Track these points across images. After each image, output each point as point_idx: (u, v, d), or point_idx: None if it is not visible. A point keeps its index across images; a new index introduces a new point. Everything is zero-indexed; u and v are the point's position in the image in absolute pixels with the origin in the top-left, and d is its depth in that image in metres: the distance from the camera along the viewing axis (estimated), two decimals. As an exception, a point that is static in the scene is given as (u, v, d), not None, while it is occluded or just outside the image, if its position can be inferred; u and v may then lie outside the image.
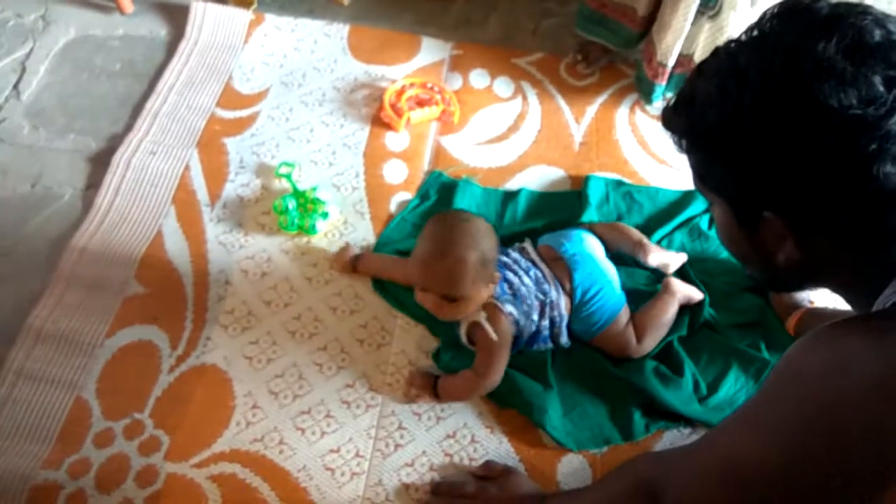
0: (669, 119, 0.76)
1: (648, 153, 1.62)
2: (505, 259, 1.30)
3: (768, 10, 0.69)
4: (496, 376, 1.21)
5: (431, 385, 1.24)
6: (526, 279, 1.26)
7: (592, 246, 1.34)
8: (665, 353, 1.29)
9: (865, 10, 0.65)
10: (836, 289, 0.76)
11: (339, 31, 1.82)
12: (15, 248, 1.44)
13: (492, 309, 1.21)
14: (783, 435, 0.66)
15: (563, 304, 1.27)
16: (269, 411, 1.24)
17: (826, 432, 0.62)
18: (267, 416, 1.23)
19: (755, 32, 0.69)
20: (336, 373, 1.28)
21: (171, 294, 1.36)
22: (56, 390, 1.25)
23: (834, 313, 1.29)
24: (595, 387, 1.26)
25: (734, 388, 1.26)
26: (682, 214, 1.46)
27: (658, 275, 1.37)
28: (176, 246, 1.43)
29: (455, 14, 1.91)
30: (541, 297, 1.26)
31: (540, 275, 1.28)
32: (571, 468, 1.20)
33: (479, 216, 1.24)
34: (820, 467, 0.62)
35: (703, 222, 1.47)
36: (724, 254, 1.41)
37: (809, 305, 1.30)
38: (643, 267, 1.38)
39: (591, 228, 1.39)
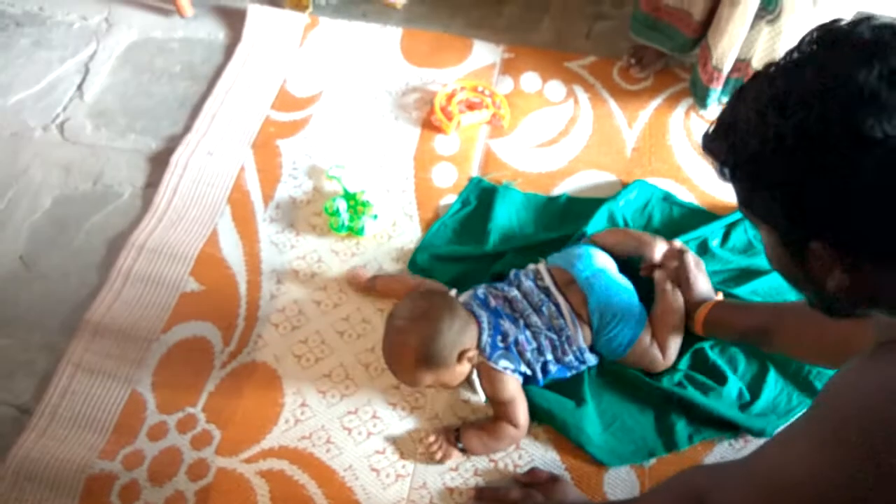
0: (710, 146, 0.74)
1: (704, 159, 1.59)
2: (514, 293, 1.26)
3: (807, 35, 0.67)
4: (521, 421, 1.18)
5: (454, 439, 1.19)
6: (534, 318, 1.23)
7: (603, 262, 1.30)
8: (703, 364, 1.27)
9: None
10: (890, 312, 0.73)
11: (391, 35, 1.83)
12: (76, 244, 1.49)
13: (485, 369, 1.20)
14: (840, 452, 0.64)
15: (581, 335, 1.23)
16: (317, 410, 1.25)
17: (888, 451, 0.60)
18: (315, 415, 1.25)
19: (795, 56, 0.67)
20: (382, 374, 1.29)
21: (225, 291, 1.39)
22: (113, 383, 1.29)
23: (742, 305, 1.27)
24: (634, 398, 1.25)
25: (774, 391, 1.24)
26: (696, 231, 1.43)
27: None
28: (230, 245, 1.46)
29: (507, 17, 1.91)
30: (552, 336, 1.22)
31: (554, 308, 1.24)
32: (618, 479, 1.18)
33: (433, 304, 1.18)
34: (882, 489, 0.60)
35: (712, 240, 1.43)
36: (732, 265, 1.39)
37: (717, 298, 1.28)
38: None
39: (594, 241, 1.35)
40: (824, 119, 0.61)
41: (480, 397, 1.20)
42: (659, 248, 1.31)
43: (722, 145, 0.71)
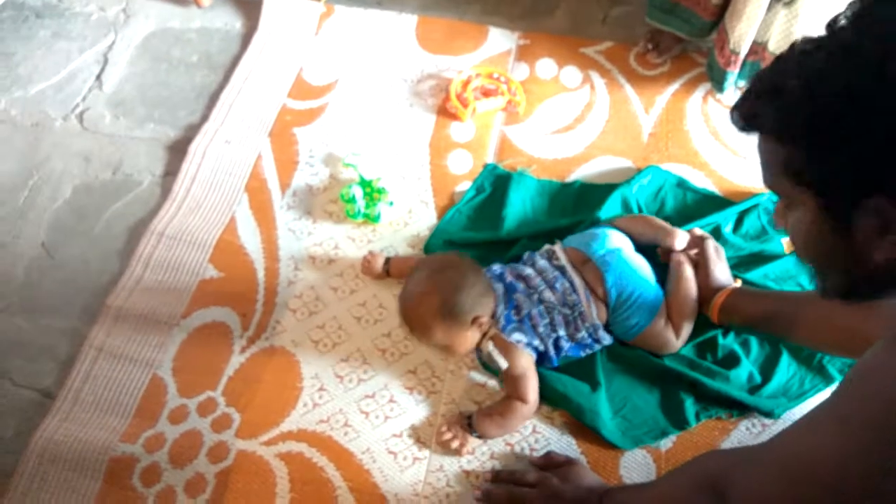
0: (753, 110, 0.69)
1: (721, 143, 1.57)
2: (528, 271, 1.27)
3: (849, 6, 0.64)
4: (531, 397, 1.19)
5: (467, 425, 1.20)
6: (547, 294, 1.23)
7: (619, 242, 1.30)
8: (712, 352, 1.27)
9: None
10: None
11: (407, 22, 1.84)
12: (97, 232, 1.51)
13: (499, 341, 1.21)
14: (865, 437, 0.63)
15: (596, 312, 1.23)
16: (335, 394, 1.26)
17: None
18: (333, 399, 1.26)
19: (847, 18, 0.63)
20: (399, 359, 1.30)
21: (243, 278, 1.40)
22: (134, 367, 1.31)
23: (758, 293, 1.25)
24: (642, 378, 1.25)
25: (787, 375, 1.24)
26: (709, 217, 1.42)
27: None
28: (248, 232, 1.47)
29: (522, 3, 1.90)
30: (566, 311, 1.23)
31: (568, 285, 1.24)
32: (634, 462, 1.19)
33: (463, 262, 1.22)
34: None
35: (725, 226, 1.42)
36: (744, 252, 1.38)
37: (734, 285, 1.27)
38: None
39: (613, 224, 1.35)
40: None
41: (502, 365, 1.19)
42: (680, 239, 1.30)
43: (767, 108, 0.67)
